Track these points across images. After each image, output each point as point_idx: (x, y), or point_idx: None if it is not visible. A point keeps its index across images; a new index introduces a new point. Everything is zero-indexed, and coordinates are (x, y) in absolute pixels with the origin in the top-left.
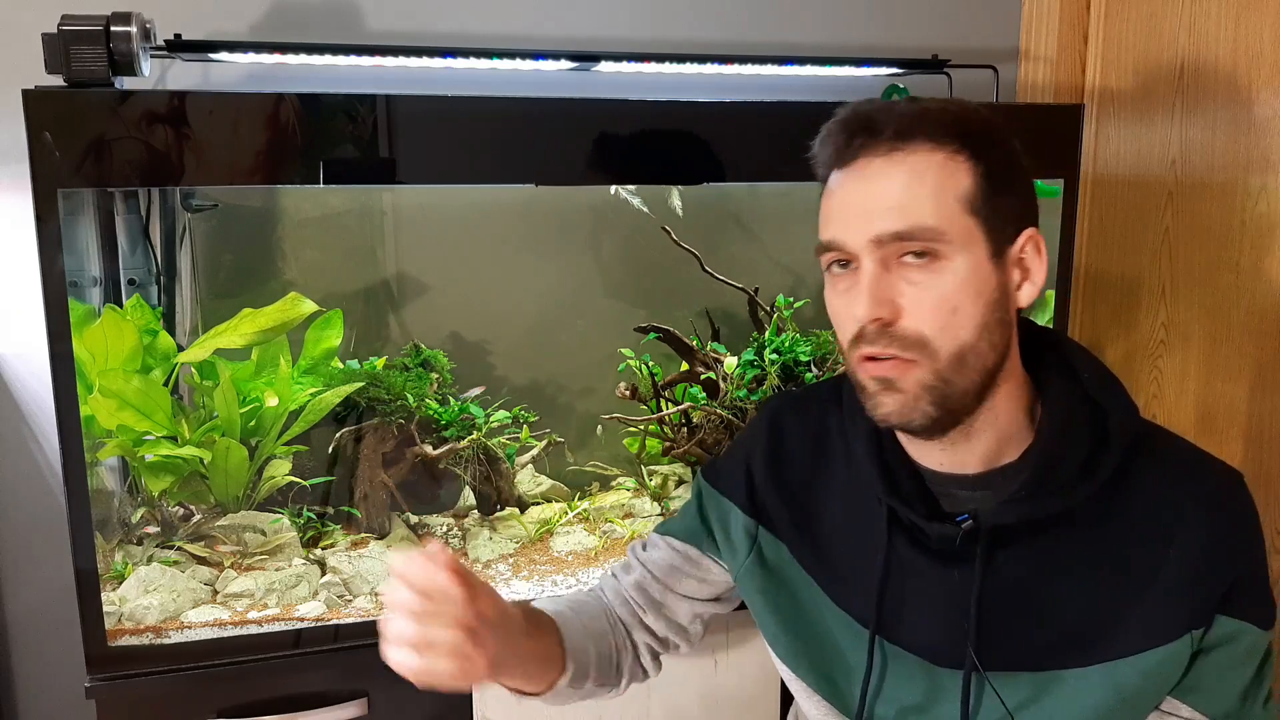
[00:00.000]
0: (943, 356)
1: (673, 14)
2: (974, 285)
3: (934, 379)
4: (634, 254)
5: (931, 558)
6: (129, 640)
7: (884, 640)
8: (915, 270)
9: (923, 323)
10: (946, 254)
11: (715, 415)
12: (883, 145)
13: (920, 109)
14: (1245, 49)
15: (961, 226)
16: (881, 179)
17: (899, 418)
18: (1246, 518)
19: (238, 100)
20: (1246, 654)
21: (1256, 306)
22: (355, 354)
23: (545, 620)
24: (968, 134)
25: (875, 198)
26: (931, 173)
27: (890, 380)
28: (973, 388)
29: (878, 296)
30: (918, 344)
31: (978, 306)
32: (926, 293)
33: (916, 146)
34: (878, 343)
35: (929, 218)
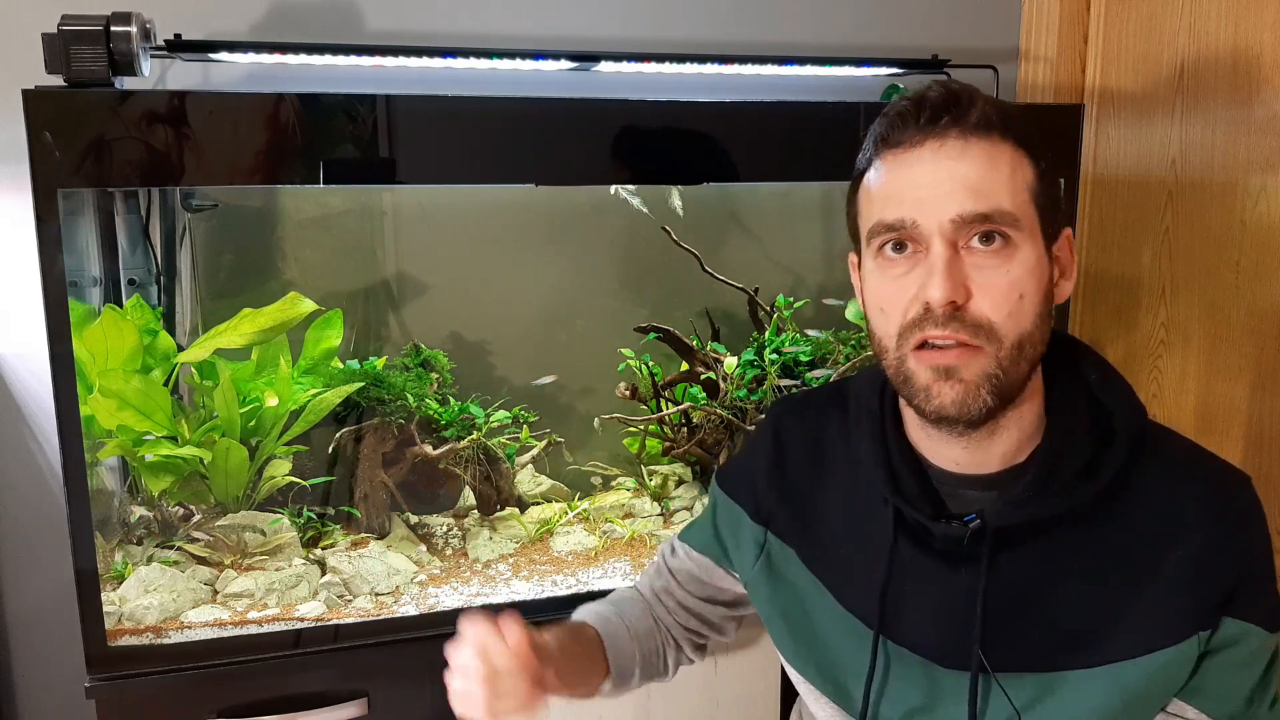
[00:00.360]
0: (1007, 344)
1: (672, 14)
2: (1037, 274)
3: (995, 367)
4: (634, 254)
5: (936, 558)
6: (129, 640)
7: (888, 641)
8: (984, 255)
9: (992, 308)
10: (1017, 241)
11: (715, 415)
12: (966, 128)
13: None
14: (1245, 49)
15: (1029, 216)
16: (962, 161)
17: (958, 408)
18: (1251, 519)
19: (238, 100)
20: (1253, 656)
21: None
22: (355, 354)
23: (588, 634)
24: (1027, 133)
25: (954, 179)
26: (1005, 161)
27: (953, 369)
28: (1023, 378)
29: (955, 278)
30: (986, 329)
31: (1039, 295)
32: (997, 278)
33: (993, 135)
34: (947, 326)
35: (1007, 202)
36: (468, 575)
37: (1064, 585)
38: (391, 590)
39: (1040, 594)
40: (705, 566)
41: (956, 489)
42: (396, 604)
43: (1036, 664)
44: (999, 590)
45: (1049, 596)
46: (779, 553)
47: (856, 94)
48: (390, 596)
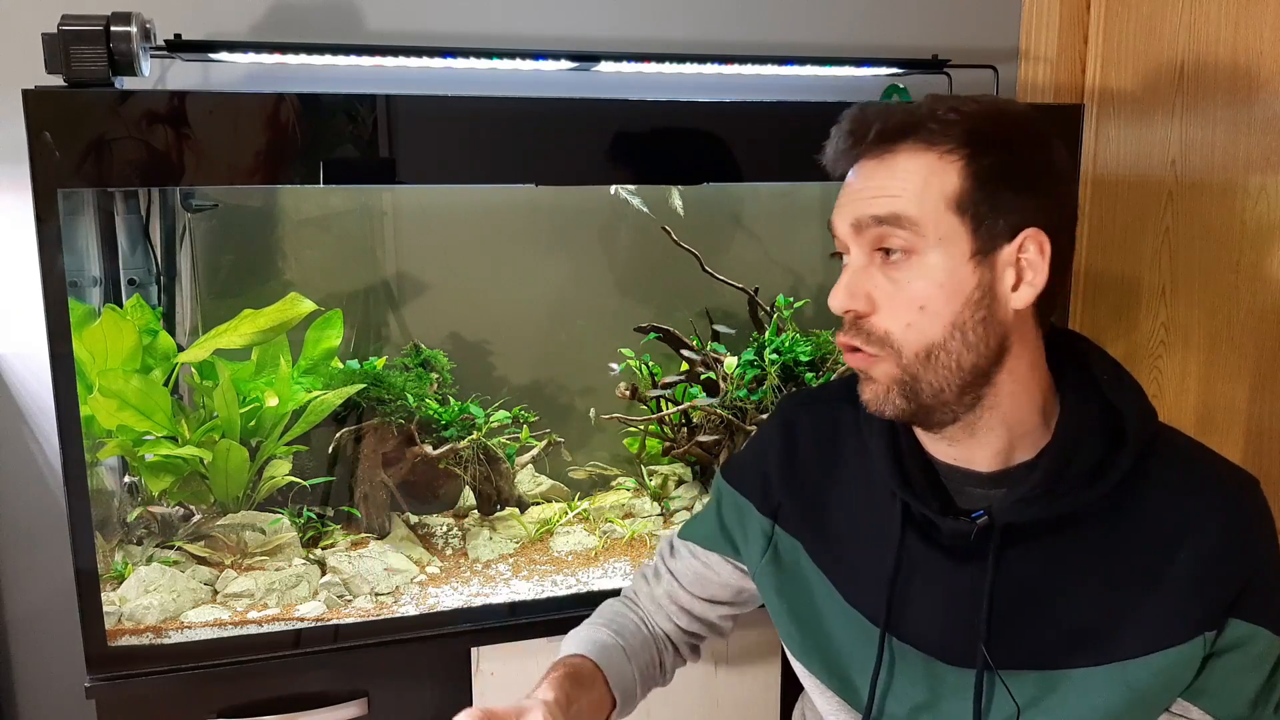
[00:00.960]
0: (906, 354)
1: (673, 14)
2: (948, 284)
3: (900, 373)
4: (634, 254)
5: (943, 554)
6: (129, 640)
7: (893, 637)
8: (892, 267)
9: (889, 319)
10: (920, 249)
11: (715, 415)
12: (872, 147)
13: (913, 111)
14: (1245, 49)
15: (943, 224)
16: (870, 175)
17: (873, 406)
18: (1258, 521)
19: (238, 100)
20: (1259, 658)
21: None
22: (355, 354)
23: (587, 671)
24: (970, 131)
25: (861, 190)
26: (917, 171)
27: (864, 370)
28: (947, 385)
29: (852, 289)
30: (881, 340)
31: (950, 305)
32: (898, 289)
33: (905, 147)
34: (849, 333)
35: (910, 207)
36: (468, 575)
37: (1070, 584)
38: (391, 590)
39: (1046, 592)
40: (711, 562)
41: (963, 485)
42: (396, 604)
43: (1041, 661)
44: (1005, 587)
45: (1055, 594)
46: (786, 546)
47: (856, 94)
48: (390, 596)
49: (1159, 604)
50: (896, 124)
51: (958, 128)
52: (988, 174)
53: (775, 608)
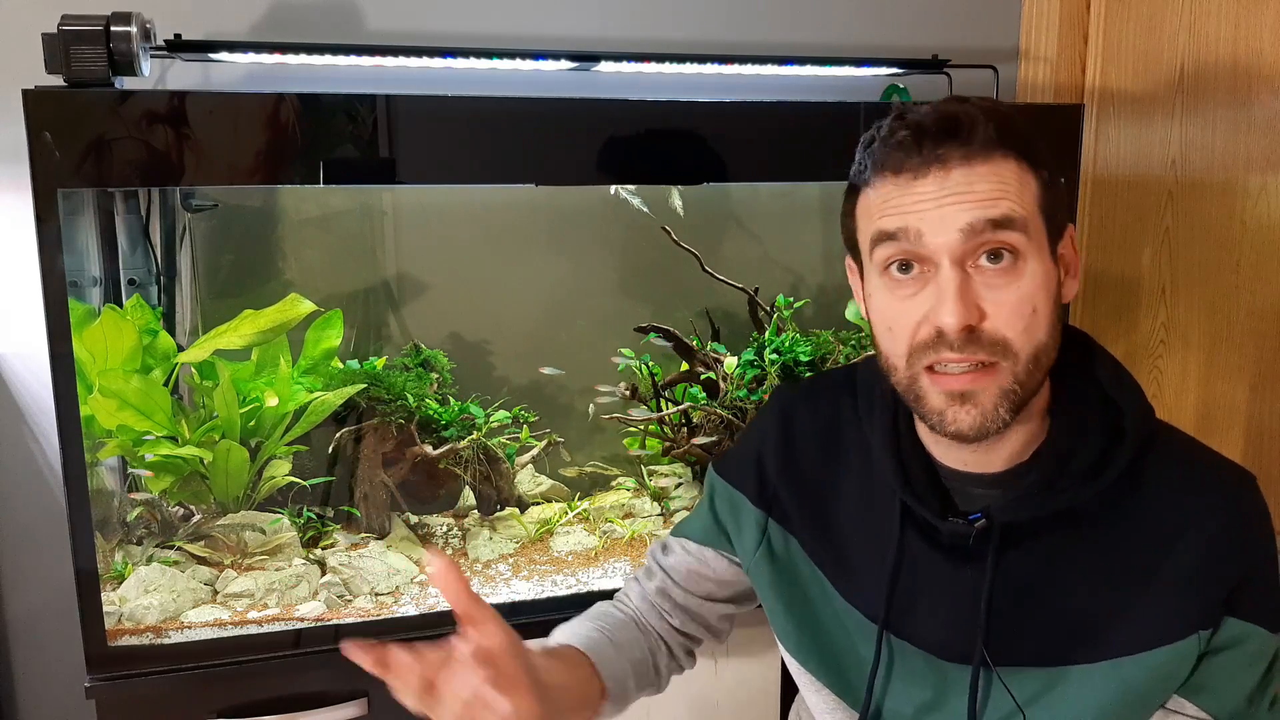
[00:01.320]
0: (1023, 358)
1: (673, 14)
2: (1047, 285)
3: (1013, 383)
4: (634, 254)
5: (943, 554)
6: (129, 640)
7: (892, 635)
8: (994, 274)
9: (1006, 325)
10: (1025, 253)
11: (715, 415)
12: (972, 152)
13: (1001, 117)
14: (1245, 49)
15: (1038, 225)
16: (971, 179)
17: (978, 431)
18: (1255, 518)
19: (238, 100)
20: (1255, 656)
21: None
22: (355, 354)
23: (570, 655)
24: (1028, 138)
25: (961, 195)
26: (1013, 175)
27: (969, 393)
28: (1038, 387)
29: (966, 300)
30: (1002, 346)
31: (1050, 306)
32: (1009, 295)
33: (996, 154)
34: (963, 350)
35: (1018, 210)
36: (468, 575)
37: (1068, 581)
38: (391, 590)
39: (1044, 590)
40: (705, 558)
41: (964, 486)
42: (396, 604)
43: (1039, 659)
44: (1004, 586)
45: (1053, 592)
46: (780, 541)
47: (856, 94)
48: (390, 596)
49: (1156, 601)
50: (993, 131)
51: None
52: (1050, 177)
53: (770, 603)
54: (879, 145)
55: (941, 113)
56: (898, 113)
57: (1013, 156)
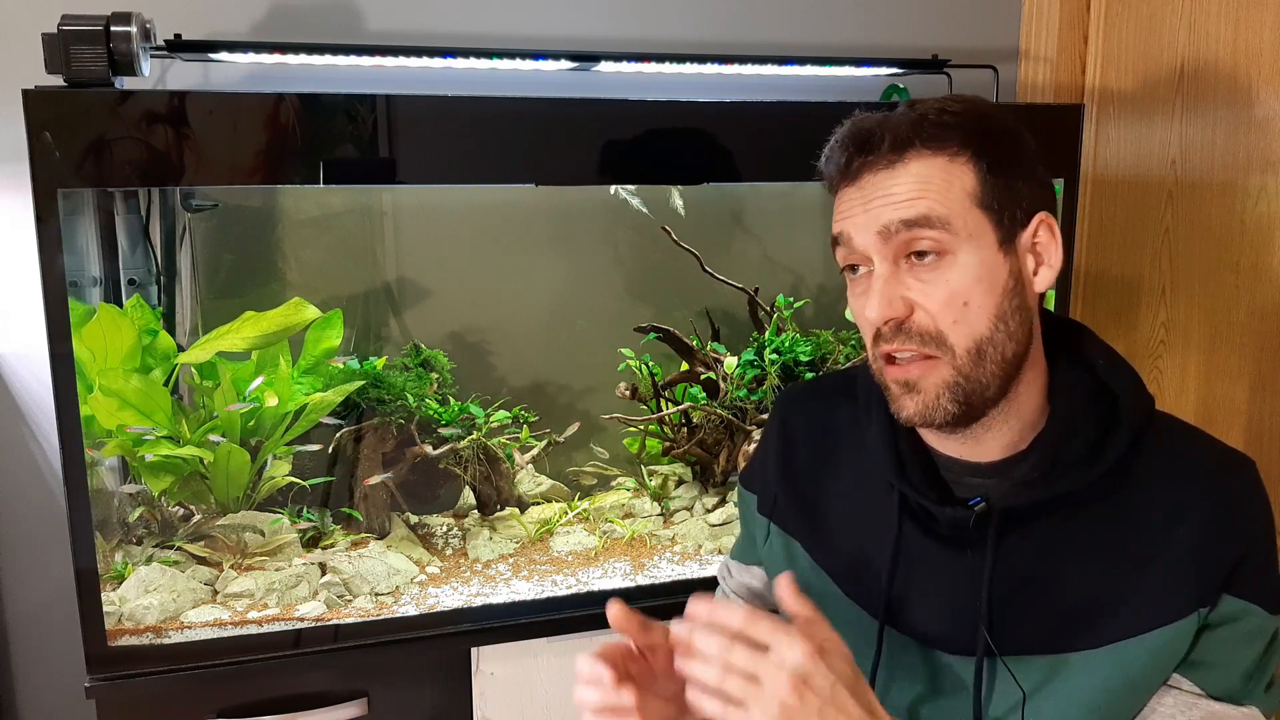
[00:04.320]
0: (960, 350)
1: (673, 14)
2: (985, 278)
3: (954, 375)
4: (634, 254)
5: (941, 544)
6: (129, 640)
7: (893, 629)
8: (924, 269)
9: (935, 318)
10: (953, 248)
11: (715, 415)
12: (882, 160)
13: (915, 116)
14: (1245, 49)
15: (970, 220)
16: (885, 183)
17: (921, 418)
18: (1252, 499)
19: (238, 100)
20: (1251, 635)
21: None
22: (355, 353)
23: None
24: (968, 133)
25: (882, 198)
26: (936, 175)
27: (912, 382)
28: (993, 380)
29: (888, 296)
30: (934, 339)
31: (990, 298)
32: (937, 288)
33: (915, 154)
34: (895, 340)
35: (937, 207)
36: (468, 575)
37: (1068, 566)
38: (391, 590)
39: (1045, 575)
40: (756, 575)
41: (962, 476)
42: (396, 604)
43: (1041, 646)
44: (1004, 573)
45: (1053, 578)
46: (784, 545)
47: (856, 94)
48: (390, 596)
49: (1155, 583)
50: (903, 132)
51: (956, 130)
52: (998, 167)
53: None
54: (821, 163)
55: (854, 127)
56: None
57: (941, 154)
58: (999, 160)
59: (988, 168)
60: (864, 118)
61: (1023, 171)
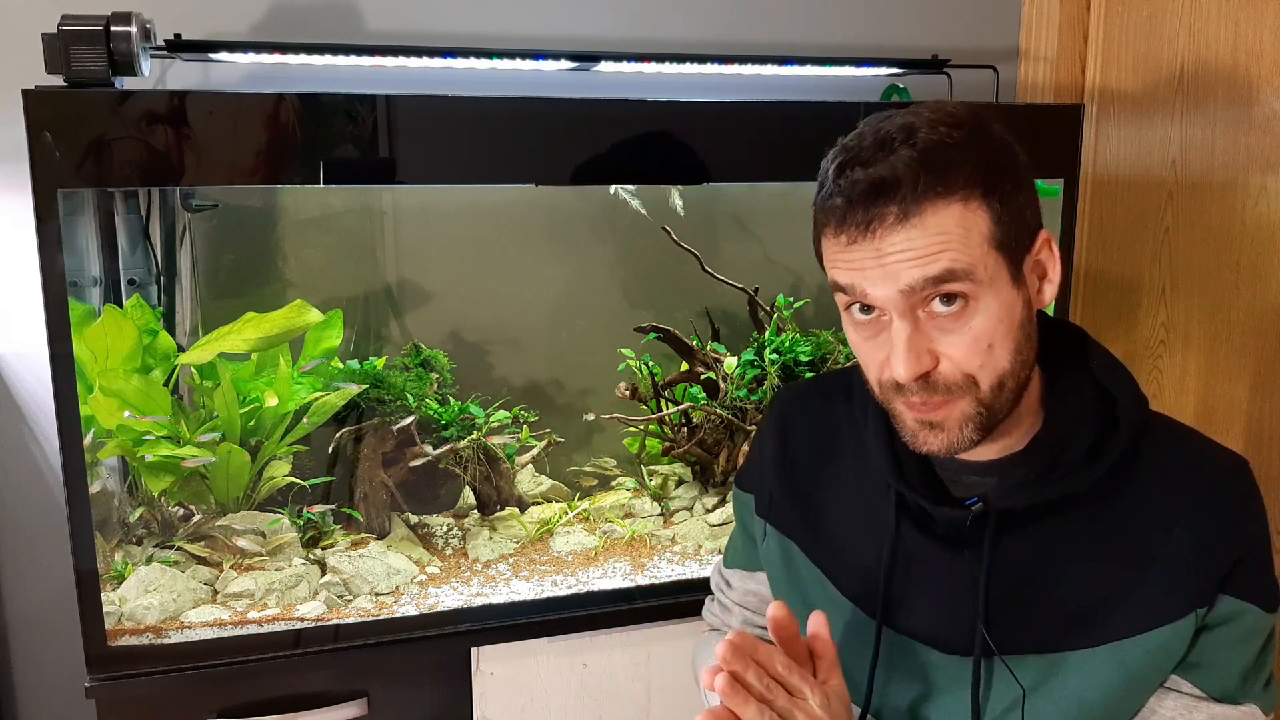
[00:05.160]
0: (985, 387)
1: (673, 14)
2: (1005, 318)
3: (976, 408)
4: (634, 254)
5: (938, 543)
6: (129, 640)
7: (891, 629)
8: (946, 319)
9: (962, 365)
10: (975, 294)
11: (715, 415)
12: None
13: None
14: (1245, 49)
15: (990, 264)
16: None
17: (947, 453)
18: (1248, 500)
19: (238, 100)
20: (1248, 634)
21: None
22: (355, 354)
23: None
24: (976, 165)
25: (899, 254)
26: (953, 227)
27: (936, 422)
28: (1010, 404)
29: (917, 353)
30: (960, 384)
31: (1010, 335)
32: (962, 337)
33: (930, 205)
34: (920, 394)
35: (962, 260)
36: (468, 575)
37: (1065, 566)
38: (391, 590)
39: (1042, 576)
40: (761, 580)
41: (958, 475)
42: (396, 604)
43: (1039, 645)
44: (1001, 573)
45: (1050, 578)
46: (781, 546)
47: (856, 94)
48: (390, 596)
49: (1153, 583)
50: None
51: (964, 167)
52: (1007, 204)
53: None
54: (820, 202)
55: (870, 178)
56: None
57: (955, 200)
58: (1007, 191)
59: (1000, 208)
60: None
61: (1023, 193)
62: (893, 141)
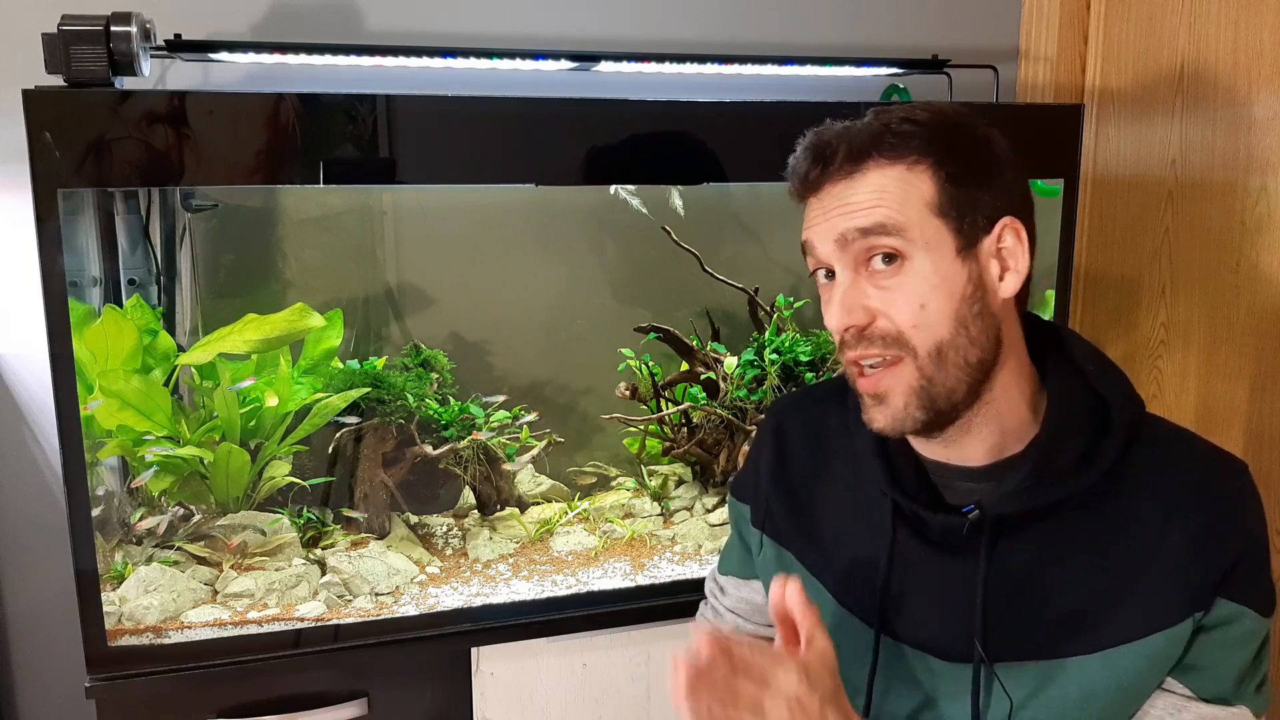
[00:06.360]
0: (921, 353)
1: (673, 14)
2: (942, 285)
3: (918, 379)
4: (634, 254)
5: (935, 550)
6: (129, 640)
7: (889, 638)
8: (883, 276)
9: (895, 321)
10: (910, 253)
11: (715, 415)
12: (840, 172)
13: (876, 127)
14: (1245, 49)
15: (928, 228)
16: (844, 193)
17: (891, 428)
18: (1245, 502)
19: (238, 100)
20: (1244, 638)
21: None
22: (355, 354)
23: None
24: (929, 140)
25: (840, 208)
26: (893, 184)
27: (880, 394)
28: (959, 385)
29: (847, 304)
30: (896, 341)
31: (949, 303)
32: (895, 293)
33: (874, 164)
34: (858, 347)
35: (892, 215)
36: (468, 575)
37: (1062, 571)
38: (391, 590)
39: (1038, 582)
40: (757, 588)
41: (952, 481)
42: (396, 604)
43: (1036, 652)
44: (998, 579)
45: (1047, 584)
46: (775, 557)
47: (857, 94)
48: (390, 596)
49: (1149, 588)
50: (861, 143)
51: (916, 139)
52: (957, 176)
53: None
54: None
55: (815, 139)
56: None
57: (900, 164)
58: (961, 168)
59: (947, 177)
60: (825, 128)
61: (988, 179)
62: (859, 120)
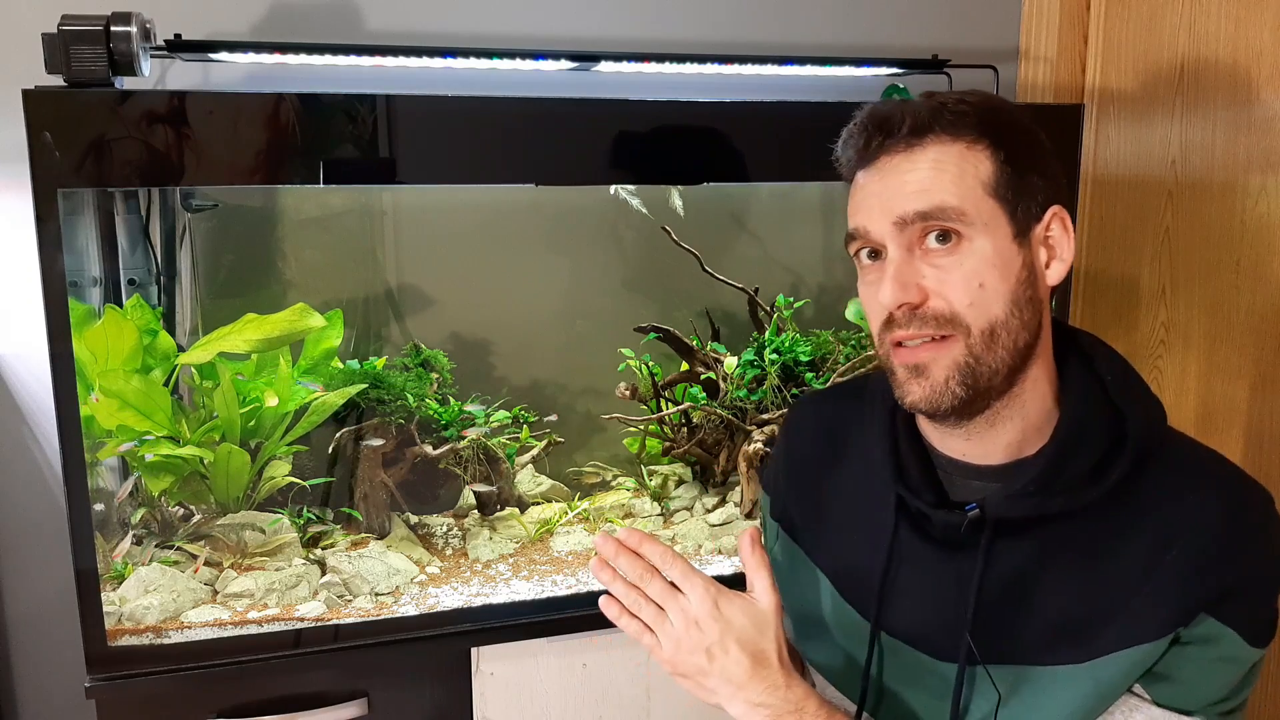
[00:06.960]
0: (975, 331)
1: (673, 14)
2: (999, 264)
3: (966, 355)
4: (634, 254)
5: (934, 546)
6: (129, 640)
7: (884, 633)
8: (939, 255)
9: (951, 300)
10: (968, 234)
11: (715, 415)
12: (900, 143)
13: (936, 104)
14: (1245, 49)
15: (985, 209)
16: (902, 172)
17: (928, 404)
18: (1257, 532)
19: (238, 100)
20: (1222, 660)
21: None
22: (355, 354)
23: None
24: (985, 123)
25: (898, 187)
26: (951, 161)
27: (922, 366)
28: (1003, 367)
29: (903, 281)
30: (950, 320)
31: (1005, 283)
32: (951, 272)
33: (933, 140)
34: (909, 326)
35: (953, 199)
36: (468, 575)
37: (1057, 580)
38: (391, 590)
39: (1030, 586)
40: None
41: (961, 478)
42: (396, 604)
43: (1023, 656)
44: (993, 580)
45: (1038, 589)
46: (789, 549)
47: (856, 94)
48: (390, 596)
49: (1139, 605)
50: (923, 117)
51: (972, 119)
52: (1014, 159)
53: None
54: (841, 144)
55: (874, 111)
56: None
57: (959, 141)
58: (1015, 153)
59: (1004, 159)
60: (882, 103)
61: (1038, 166)
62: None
